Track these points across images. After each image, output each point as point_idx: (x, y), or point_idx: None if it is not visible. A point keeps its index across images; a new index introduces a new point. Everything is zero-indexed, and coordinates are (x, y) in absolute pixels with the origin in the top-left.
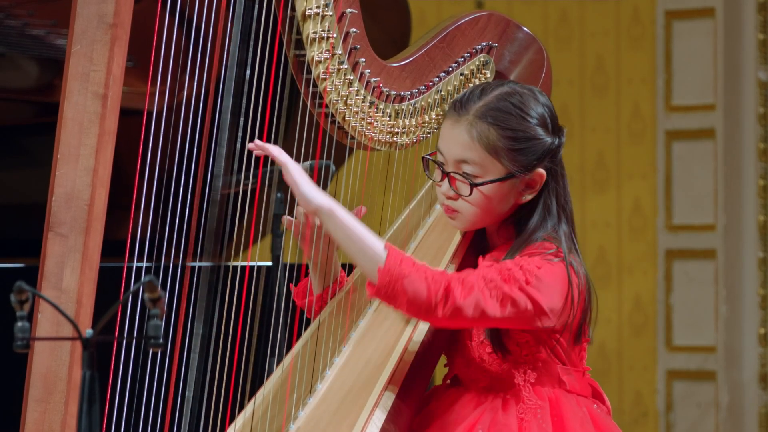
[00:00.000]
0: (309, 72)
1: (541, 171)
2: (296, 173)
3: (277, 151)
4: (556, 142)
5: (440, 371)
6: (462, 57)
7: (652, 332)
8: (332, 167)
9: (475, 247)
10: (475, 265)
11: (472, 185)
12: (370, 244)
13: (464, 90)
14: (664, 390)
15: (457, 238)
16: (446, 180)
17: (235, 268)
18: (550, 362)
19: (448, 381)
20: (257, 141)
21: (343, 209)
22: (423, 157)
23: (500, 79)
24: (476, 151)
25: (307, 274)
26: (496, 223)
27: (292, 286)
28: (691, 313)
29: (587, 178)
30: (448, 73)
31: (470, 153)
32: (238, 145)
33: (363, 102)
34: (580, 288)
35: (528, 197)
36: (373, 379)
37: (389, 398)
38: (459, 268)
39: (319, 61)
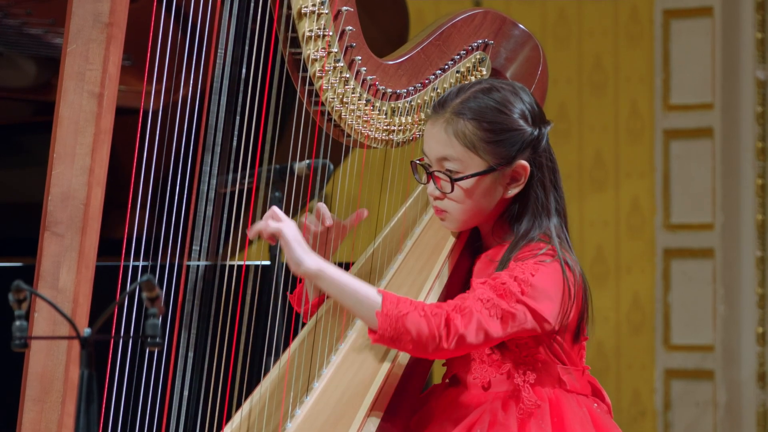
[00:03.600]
0: (305, 70)
1: (524, 163)
2: (291, 237)
3: (274, 223)
4: (536, 133)
5: (439, 370)
6: (458, 54)
7: (650, 331)
8: (330, 166)
9: (471, 245)
10: (471, 265)
11: (453, 180)
12: (364, 293)
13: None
14: (662, 389)
15: (454, 235)
16: (432, 180)
17: (232, 267)
18: (549, 362)
19: (447, 380)
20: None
21: (331, 266)
22: (411, 162)
23: (495, 77)
24: (454, 147)
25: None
26: (488, 222)
27: (288, 293)
28: (689, 312)
29: (585, 177)
30: (444, 70)
31: (449, 149)
32: (235, 143)
33: (359, 100)
34: (576, 285)
35: (514, 191)
36: (371, 376)
37: (386, 395)
38: (455, 266)
39: (315, 59)
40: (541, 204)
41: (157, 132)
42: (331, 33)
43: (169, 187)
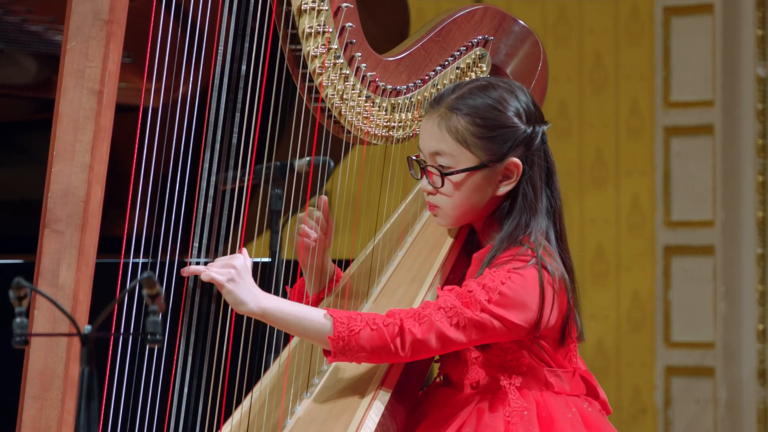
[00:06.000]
0: (305, 67)
1: (516, 160)
2: (224, 281)
3: (208, 273)
4: (530, 131)
5: (436, 367)
6: (458, 50)
7: (650, 328)
8: (330, 163)
9: (469, 242)
10: (468, 262)
11: (443, 175)
12: (311, 320)
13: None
14: (663, 386)
15: (454, 232)
16: (425, 175)
17: None
18: (535, 366)
19: (440, 379)
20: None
21: (273, 301)
22: (408, 158)
23: (495, 73)
24: (446, 142)
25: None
26: (480, 219)
27: (288, 288)
28: (690, 309)
29: (586, 174)
30: (444, 66)
31: (441, 144)
32: (235, 140)
33: (359, 96)
34: (556, 289)
35: (505, 189)
36: (371, 374)
37: (386, 394)
38: (455, 263)
39: (315, 56)
40: (529, 203)
41: (157, 129)
42: (330, 29)
43: (169, 185)
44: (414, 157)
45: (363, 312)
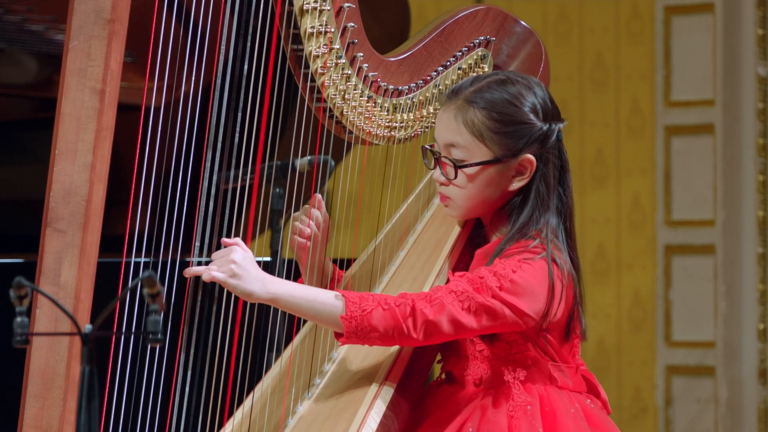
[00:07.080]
0: (307, 66)
1: (530, 156)
2: (225, 278)
3: (209, 272)
4: (546, 128)
5: (438, 367)
6: (460, 51)
7: (651, 328)
8: (331, 162)
9: (473, 240)
10: (471, 260)
11: (457, 168)
12: (323, 301)
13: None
14: (664, 385)
15: (456, 231)
16: (438, 166)
17: None
18: (540, 359)
19: (443, 376)
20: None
21: (282, 285)
22: (423, 147)
23: None
24: (462, 135)
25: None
26: (489, 213)
27: None
28: (691, 308)
29: (586, 173)
30: (446, 67)
31: (457, 137)
32: (236, 140)
33: (361, 96)
34: (564, 283)
35: (518, 184)
36: (372, 373)
37: (388, 392)
38: (457, 262)
39: (317, 56)
40: (542, 200)
41: (159, 128)
42: (332, 29)
43: (170, 184)
44: (428, 147)
45: (374, 293)
